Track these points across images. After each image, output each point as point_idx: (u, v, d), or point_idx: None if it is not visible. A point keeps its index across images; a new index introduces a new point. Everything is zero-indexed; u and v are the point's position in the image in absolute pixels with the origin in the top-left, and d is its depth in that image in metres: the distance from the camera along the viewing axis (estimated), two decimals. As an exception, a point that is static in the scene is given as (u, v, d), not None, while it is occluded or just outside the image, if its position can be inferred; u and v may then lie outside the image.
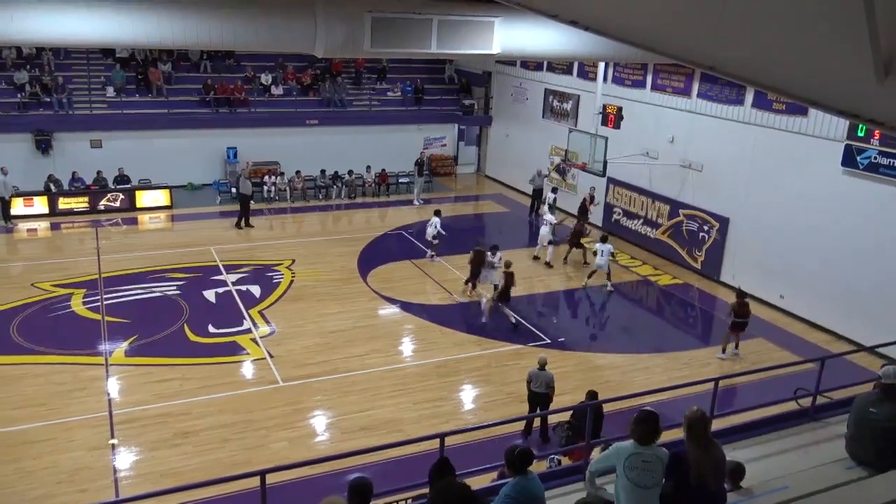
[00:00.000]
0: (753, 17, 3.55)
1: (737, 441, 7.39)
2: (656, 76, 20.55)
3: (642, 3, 4.27)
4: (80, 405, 12.20)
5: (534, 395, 11.50)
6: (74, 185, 23.30)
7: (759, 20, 3.52)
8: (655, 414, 5.35)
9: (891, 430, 6.26)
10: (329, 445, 11.31)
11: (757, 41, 3.53)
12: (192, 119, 25.67)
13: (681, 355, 15.00)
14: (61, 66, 25.39)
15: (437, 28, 12.68)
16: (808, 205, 16.18)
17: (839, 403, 8.28)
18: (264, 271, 18.58)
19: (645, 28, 4.20)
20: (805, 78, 3.36)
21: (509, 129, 28.47)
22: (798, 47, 3.33)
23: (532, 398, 11.56)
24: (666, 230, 20.54)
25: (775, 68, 3.47)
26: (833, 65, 3.22)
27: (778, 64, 3.45)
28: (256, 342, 14.71)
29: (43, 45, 22.51)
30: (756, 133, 17.48)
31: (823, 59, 3.26)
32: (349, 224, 24.09)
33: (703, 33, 3.79)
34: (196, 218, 23.10)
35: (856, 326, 15.14)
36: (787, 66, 3.41)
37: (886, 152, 14.48)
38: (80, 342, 14.40)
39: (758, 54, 3.52)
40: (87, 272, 17.95)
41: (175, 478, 10.14)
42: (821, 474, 6.37)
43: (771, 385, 12.17)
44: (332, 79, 28.29)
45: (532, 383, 11.47)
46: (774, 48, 3.44)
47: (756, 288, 17.48)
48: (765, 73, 3.53)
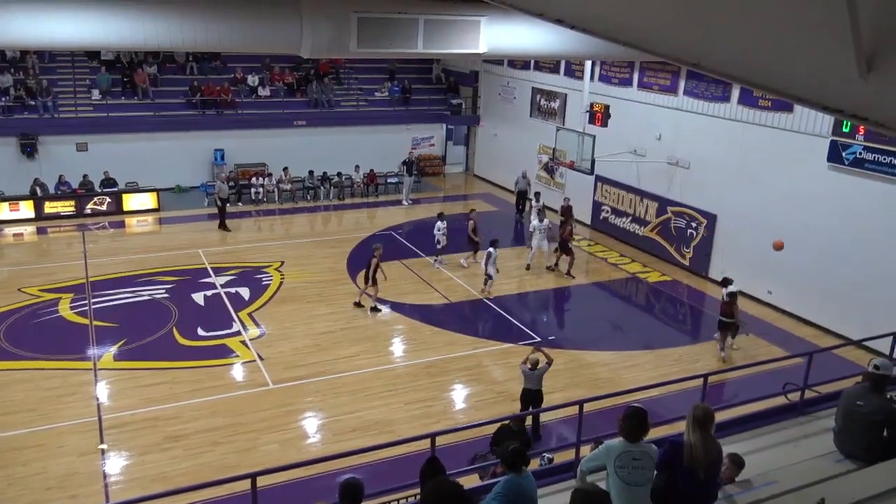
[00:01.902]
0: (737, 14, 3.56)
1: (726, 436, 7.42)
2: (643, 74, 20.62)
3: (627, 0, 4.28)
4: (69, 410, 12.12)
5: (527, 393, 11.51)
6: (61, 189, 23.15)
7: (742, 17, 3.53)
8: (643, 410, 5.37)
9: (878, 422, 6.32)
10: (320, 447, 11.29)
11: (741, 38, 3.55)
12: (178, 121, 25.54)
13: (671, 352, 15.07)
14: (46, 70, 25.22)
15: (423, 28, 12.66)
16: (794, 201, 16.29)
17: (827, 397, 8.34)
18: (253, 273, 18.51)
19: (630, 26, 4.20)
20: (789, 74, 3.37)
21: (497, 129, 28.50)
22: (781, 43, 3.34)
23: (525, 396, 11.56)
24: (654, 227, 20.62)
25: (759, 65, 3.48)
26: (816, 61, 3.23)
27: (762, 60, 3.47)
28: (246, 345, 14.66)
29: (26, 48, 22.32)
30: (742, 130, 17.58)
31: (807, 55, 3.27)
32: (338, 225, 24.05)
33: (688, 30, 3.80)
34: (184, 220, 22.99)
35: (843, 321, 15.26)
36: (772, 63, 3.42)
37: (871, 148, 14.59)
38: (68, 347, 14.31)
39: (742, 51, 3.53)
40: (75, 276, 17.84)
41: (165, 482, 10.08)
42: (810, 468, 6.41)
43: (760, 380, 12.23)
44: (318, 79, 28.23)
45: (525, 382, 11.49)
46: (758, 45, 3.45)
47: (744, 284, 17.54)
48: (749, 69, 3.54)
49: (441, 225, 19.10)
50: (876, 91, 2.98)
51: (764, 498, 5.68)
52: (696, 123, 18.98)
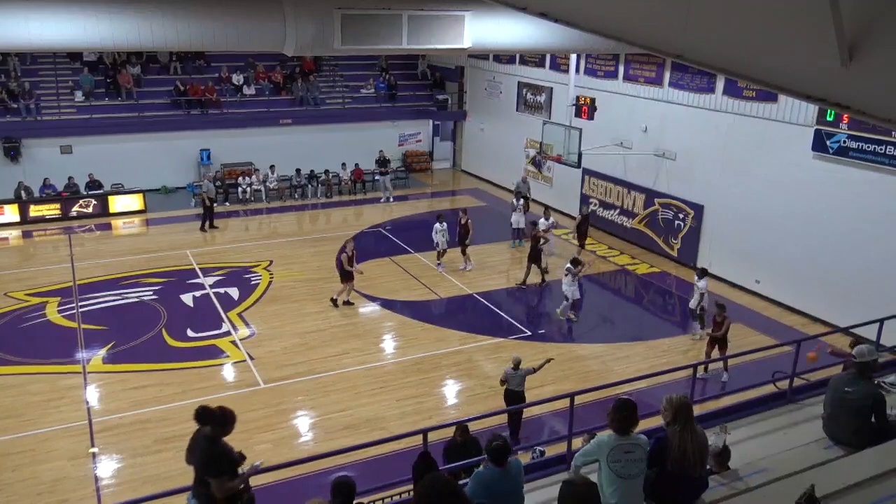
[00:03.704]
0: (719, 4, 3.58)
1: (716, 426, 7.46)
2: (628, 66, 20.66)
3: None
4: (58, 415, 12.05)
5: (510, 393, 11.22)
6: (45, 192, 22.96)
7: (725, 7, 3.55)
8: (632, 402, 5.37)
9: (865, 408, 6.38)
10: (312, 446, 11.28)
11: (723, 28, 3.56)
12: (163, 122, 25.38)
13: (660, 343, 15.13)
14: (28, 72, 24.97)
15: (407, 24, 12.62)
16: (780, 190, 16.38)
17: (816, 385, 8.40)
18: (242, 273, 18.44)
19: (613, 18, 4.21)
20: (772, 64, 3.39)
21: (484, 124, 28.49)
22: (764, 33, 3.36)
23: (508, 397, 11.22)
24: (642, 219, 20.68)
25: (742, 55, 3.50)
26: (799, 50, 3.25)
27: (745, 50, 3.48)
28: (236, 345, 14.61)
29: (6, 50, 22.08)
30: (728, 120, 17.65)
31: (789, 44, 3.29)
32: (326, 223, 23.97)
33: (670, 22, 3.81)
34: (171, 221, 22.86)
35: (830, 308, 15.37)
36: (754, 53, 3.44)
37: (855, 136, 14.68)
38: (56, 351, 14.21)
39: (724, 41, 3.55)
40: (62, 280, 17.71)
41: (157, 484, 10.01)
42: (800, 455, 6.45)
43: (749, 369, 12.33)
44: (304, 77, 28.12)
45: (508, 383, 11.18)
46: (741, 35, 3.47)
47: (732, 273, 17.72)
48: (732, 60, 3.56)
49: (440, 227, 18.49)
50: (858, 79, 3.01)
51: (754, 486, 5.72)
52: (681, 115, 19.04)
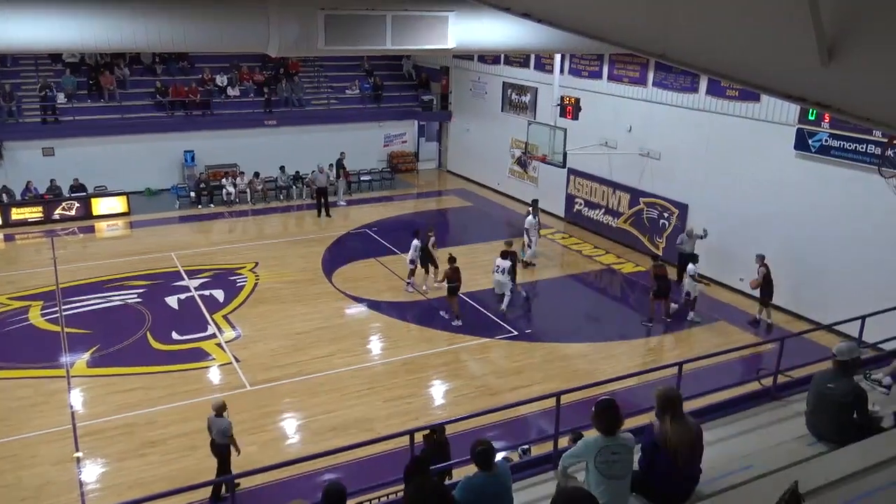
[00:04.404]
0: (700, 4, 3.60)
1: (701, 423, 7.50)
2: (612, 66, 20.74)
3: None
4: (42, 419, 11.94)
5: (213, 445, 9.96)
6: (28, 195, 22.74)
7: (705, 6, 3.57)
8: (614, 401, 5.36)
9: (848, 404, 6.43)
10: (300, 447, 11.24)
11: (704, 28, 3.58)
12: (147, 123, 25.19)
13: (646, 341, 15.21)
14: (8, 74, 24.70)
15: (391, 24, 12.60)
16: (763, 188, 16.50)
17: (799, 381, 8.46)
18: (227, 275, 18.35)
19: (595, 18, 4.23)
20: (752, 63, 3.41)
21: (469, 124, 28.51)
22: (744, 33, 3.38)
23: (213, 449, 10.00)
24: (627, 219, 20.78)
25: (723, 54, 3.52)
26: (779, 50, 3.27)
27: (726, 50, 3.50)
28: (222, 347, 14.54)
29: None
30: (711, 120, 17.77)
31: (769, 44, 3.31)
32: (312, 224, 23.90)
33: (652, 21, 3.83)
34: (155, 224, 22.71)
35: (813, 305, 15.50)
36: (735, 52, 3.46)
37: (837, 135, 14.82)
38: (39, 355, 14.08)
39: (706, 41, 3.57)
40: (45, 283, 17.54)
41: (143, 488, 9.96)
42: (783, 451, 6.50)
43: (733, 366, 12.42)
44: (288, 78, 28.02)
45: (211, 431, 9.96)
46: (721, 34, 3.49)
47: (716, 271, 17.82)
48: (713, 59, 3.58)
49: (417, 244, 17.37)
50: (838, 79, 3.03)
51: (739, 482, 5.75)
52: (665, 114, 19.15)
